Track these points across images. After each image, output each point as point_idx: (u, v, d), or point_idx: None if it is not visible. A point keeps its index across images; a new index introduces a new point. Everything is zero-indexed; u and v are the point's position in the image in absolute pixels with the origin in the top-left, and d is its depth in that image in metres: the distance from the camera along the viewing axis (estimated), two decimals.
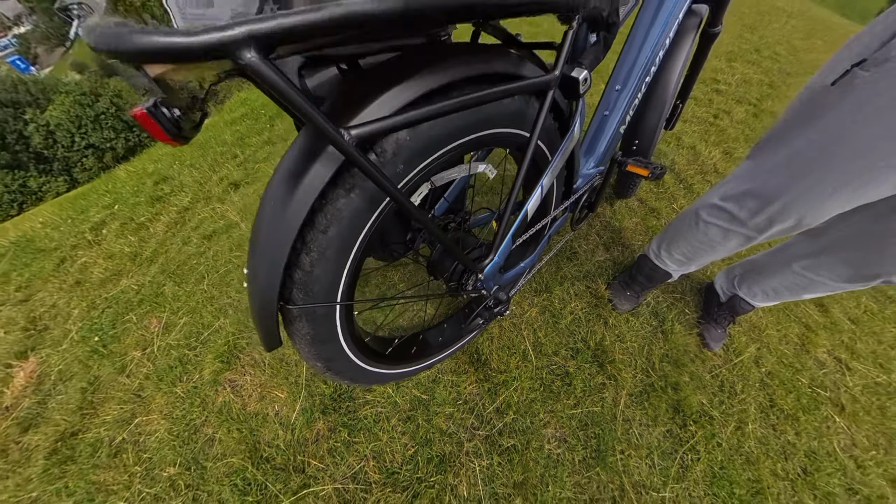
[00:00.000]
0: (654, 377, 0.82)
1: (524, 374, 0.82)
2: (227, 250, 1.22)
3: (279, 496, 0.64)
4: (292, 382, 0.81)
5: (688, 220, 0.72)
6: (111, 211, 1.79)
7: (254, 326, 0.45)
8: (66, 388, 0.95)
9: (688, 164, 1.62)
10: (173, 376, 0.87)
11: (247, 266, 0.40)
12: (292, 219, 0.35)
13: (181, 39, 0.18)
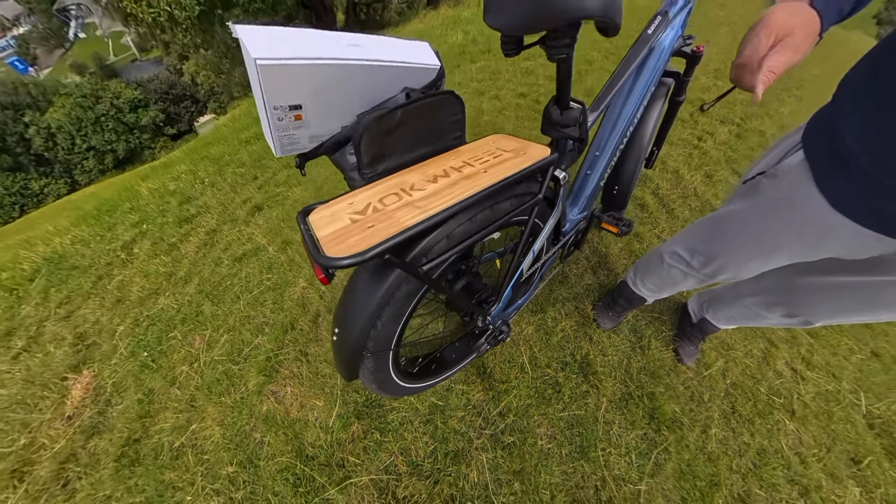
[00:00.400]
0: (633, 387, 0.97)
1: (522, 383, 0.97)
2: (257, 272, 1.36)
3: (326, 487, 0.78)
4: (328, 392, 0.95)
5: (656, 258, 0.87)
6: (140, 230, 1.93)
7: (336, 364, 0.61)
8: (122, 399, 1.08)
9: (671, 188, 1.78)
10: (221, 388, 1.01)
11: (335, 325, 0.55)
12: (376, 304, 0.50)
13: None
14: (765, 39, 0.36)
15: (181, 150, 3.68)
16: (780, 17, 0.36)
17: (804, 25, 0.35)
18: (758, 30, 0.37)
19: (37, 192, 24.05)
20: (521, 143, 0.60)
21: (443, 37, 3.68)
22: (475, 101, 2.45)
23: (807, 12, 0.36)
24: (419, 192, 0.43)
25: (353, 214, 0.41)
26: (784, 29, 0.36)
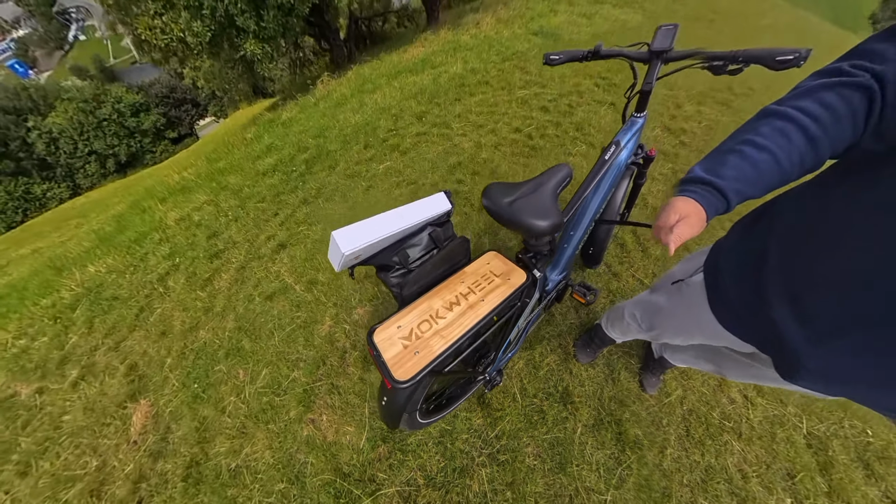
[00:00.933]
0: (604, 413, 1.18)
1: (514, 410, 1.18)
2: (288, 310, 1.58)
3: (361, 498, 1.00)
4: (357, 420, 1.17)
5: (619, 312, 1.09)
6: (173, 262, 2.14)
7: (383, 420, 0.80)
8: (180, 427, 1.29)
9: (645, 230, 1.99)
10: (266, 417, 1.22)
11: (382, 396, 0.76)
12: (411, 399, 0.72)
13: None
14: (673, 215, 0.51)
15: (194, 172, 3.86)
16: (681, 203, 0.52)
17: (695, 213, 0.51)
18: (669, 208, 0.53)
19: (39, 196, 24.27)
20: (507, 265, 0.81)
21: (443, 65, 3.89)
22: (474, 134, 2.66)
23: (696, 206, 0.52)
24: (442, 319, 0.64)
25: (403, 340, 0.62)
26: (684, 212, 0.51)
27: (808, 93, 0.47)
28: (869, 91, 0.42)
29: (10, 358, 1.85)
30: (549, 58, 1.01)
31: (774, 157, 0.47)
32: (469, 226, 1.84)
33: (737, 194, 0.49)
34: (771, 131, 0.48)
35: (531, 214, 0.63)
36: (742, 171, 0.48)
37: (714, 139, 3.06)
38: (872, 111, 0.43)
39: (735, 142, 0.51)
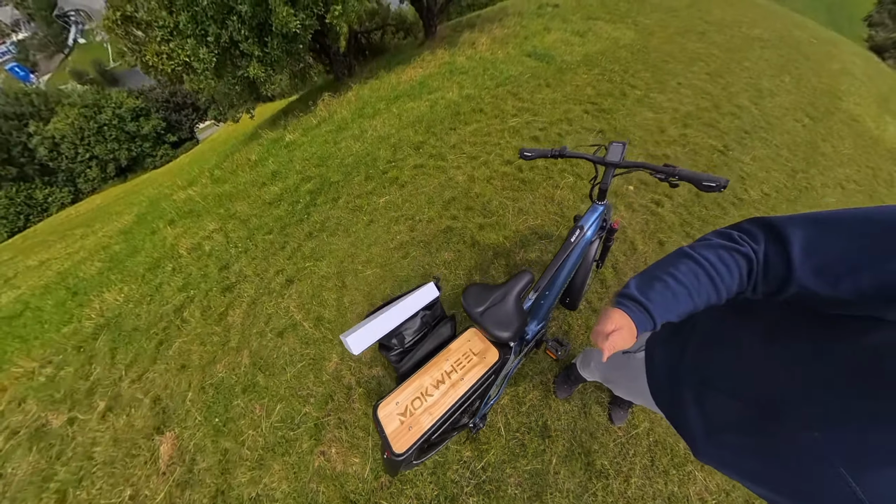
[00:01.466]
0: (576, 445, 1.35)
1: (498, 444, 1.35)
2: (298, 347, 1.74)
3: None
4: (362, 452, 1.33)
5: (588, 357, 1.25)
6: (187, 294, 2.30)
7: (386, 470, 0.93)
8: (204, 458, 1.45)
9: (626, 259, 2.16)
10: (282, 450, 1.38)
11: (385, 450, 0.92)
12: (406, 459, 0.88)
13: None
14: (610, 325, 0.58)
15: (199, 192, 4.00)
16: (618, 316, 0.59)
17: (628, 327, 0.58)
18: (607, 318, 0.62)
19: (41, 201, 24.42)
20: (484, 343, 0.97)
21: (440, 90, 4.05)
22: (468, 166, 2.83)
23: (630, 321, 0.59)
24: (430, 397, 0.80)
25: (399, 416, 0.78)
26: (619, 325, 0.58)
27: (712, 248, 0.59)
28: (749, 260, 0.56)
29: (38, 387, 2.01)
30: (523, 153, 1.18)
31: (688, 292, 0.58)
32: (461, 263, 2.01)
33: (661, 317, 0.59)
34: (687, 271, 0.59)
35: (496, 326, 0.81)
36: (665, 299, 0.58)
37: (696, 164, 3.20)
38: (752, 273, 0.56)
39: (662, 271, 0.61)
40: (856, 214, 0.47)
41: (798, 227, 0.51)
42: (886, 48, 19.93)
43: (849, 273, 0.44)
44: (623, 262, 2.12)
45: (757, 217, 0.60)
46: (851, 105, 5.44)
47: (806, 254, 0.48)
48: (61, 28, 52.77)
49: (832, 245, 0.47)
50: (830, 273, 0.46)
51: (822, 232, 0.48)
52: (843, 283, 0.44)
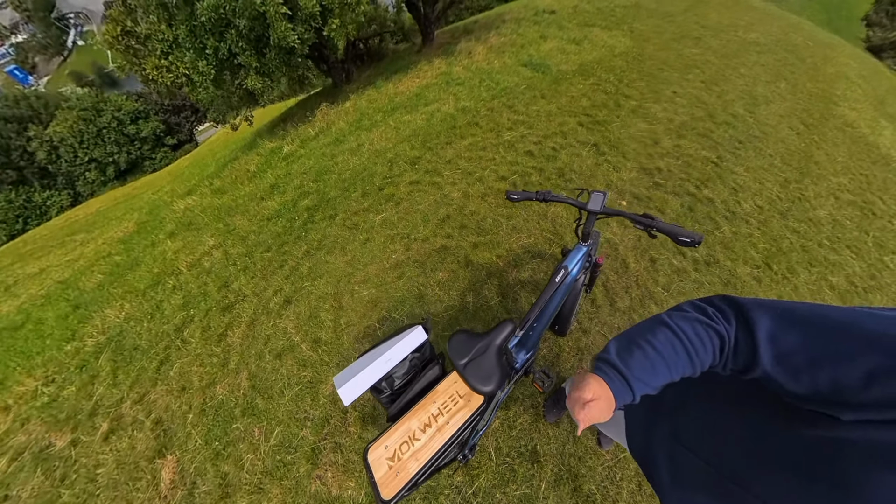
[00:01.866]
0: (564, 469, 1.39)
1: (489, 469, 1.40)
2: (295, 369, 1.78)
3: None
4: (357, 475, 1.38)
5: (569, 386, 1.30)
6: (187, 313, 2.34)
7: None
8: (205, 482, 1.50)
9: (617, 277, 2.20)
10: (280, 474, 1.43)
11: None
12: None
13: None
14: (588, 393, 0.57)
15: (198, 203, 4.04)
16: (594, 384, 0.57)
17: (606, 399, 0.57)
18: (585, 385, 0.58)
19: (40, 204, 24.48)
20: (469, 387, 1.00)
21: (436, 102, 4.09)
22: (463, 182, 2.87)
23: (608, 392, 0.57)
24: (417, 441, 0.85)
25: (388, 461, 0.82)
26: (597, 394, 0.56)
27: (689, 321, 0.59)
28: (722, 338, 0.58)
29: (41, 406, 2.05)
30: (509, 196, 1.22)
31: (666, 363, 0.58)
32: (455, 283, 2.05)
33: (639, 389, 0.58)
34: (665, 340, 0.59)
35: (478, 380, 0.85)
36: (644, 368, 0.58)
37: (690, 176, 3.21)
38: (724, 350, 0.58)
39: (641, 338, 0.61)
40: (819, 312, 0.49)
41: (765, 314, 0.52)
42: (884, 48, 19.90)
43: (807, 368, 0.45)
44: (614, 281, 2.16)
45: (728, 296, 0.61)
46: (847, 110, 5.44)
47: (770, 342, 0.50)
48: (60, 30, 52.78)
49: (794, 338, 0.48)
50: (790, 365, 0.47)
51: (786, 323, 0.49)
52: (801, 377, 0.46)
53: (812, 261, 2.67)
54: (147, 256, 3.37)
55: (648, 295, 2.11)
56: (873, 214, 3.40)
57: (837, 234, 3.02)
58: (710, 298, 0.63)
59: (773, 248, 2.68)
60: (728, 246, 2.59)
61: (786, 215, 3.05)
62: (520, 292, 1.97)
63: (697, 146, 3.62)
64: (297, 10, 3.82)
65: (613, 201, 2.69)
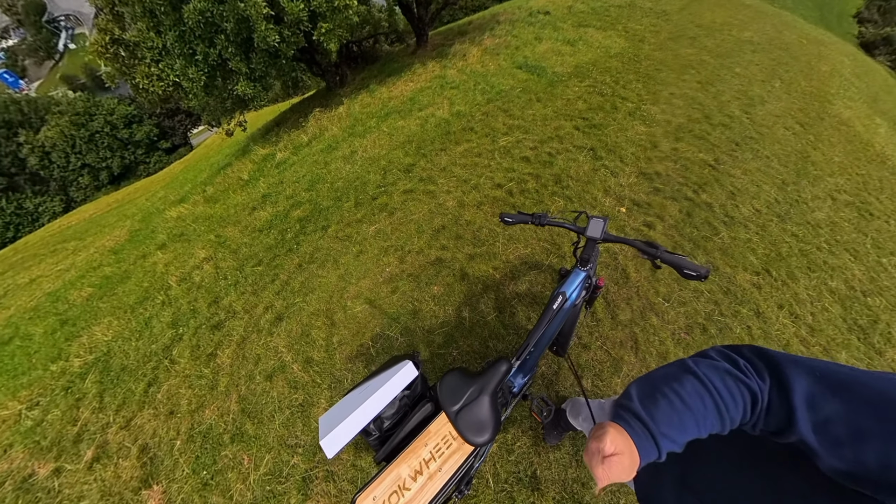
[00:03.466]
0: (567, 496, 1.35)
1: (486, 497, 1.35)
2: (286, 391, 1.72)
3: None
4: None
5: (577, 409, 1.25)
6: (176, 331, 2.28)
7: None
8: None
9: (618, 289, 2.15)
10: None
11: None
12: None
13: None
14: (609, 446, 0.48)
15: (190, 212, 3.97)
16: (617, 435, 0.50)
17: (629, 454, 0.48)
18: (605, 435, 0.49)
19: (31, 210, 24.16)
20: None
21: (430, 106, 4.03)
22: (458, 191, 2.81)
23: (631, 445, 0.49)
24: (408, 492, 0.79)
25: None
26: (619, 447, 0.48)
27: (718, 372, 0.53)
28: (755, 396, 0.52)
29: (25, 432, 1.98)
30: (503, 218, 1.17)
31: (695, 418, 0.51)
32: (451, 298, 2.00)
33: (666, 446, 0.51)
34: (693, 392, 0.53)
35: (470, 431, 0.80)
36: (671, 422, 0.51)
37: (688, 180, 3.16)
38: (756, 409, 0.52)
39: (666, 386, 0.55)
40: (861, 379, 0.44)
41: (803, 374, 0.47)
42: (876, 44, 20.01)
43: (851, 442, 0.41)
44: (615, 293, 2.12)
45: (760, 348, 0.55)
46: (841, 108, 5.42)
47: (808, 407, 0.45)
48: (51, 34, 52.18)
49: (835, 405, 0.43)
50: (830, 435, 0.42)
51: (826, 388, 0.45)
52: (844, 451, 0.41)
53: (811, 265, 2.64)
54: (137, 269, 3.30)
55: (649, 306, 2.07)
56: (871, 215, 3.38)
57: (836, 237, 2.99)
58: (740, 348, 0.56)
59: (773, 252, 2.65)
60: (727, 252, 2.55)
61: (784, 219, 3.02)
62: (517, 306, 1.92)
63: (694, 149, 3.57)
64: (284, 15, 3.75)
65: (611, 210, 2.65)
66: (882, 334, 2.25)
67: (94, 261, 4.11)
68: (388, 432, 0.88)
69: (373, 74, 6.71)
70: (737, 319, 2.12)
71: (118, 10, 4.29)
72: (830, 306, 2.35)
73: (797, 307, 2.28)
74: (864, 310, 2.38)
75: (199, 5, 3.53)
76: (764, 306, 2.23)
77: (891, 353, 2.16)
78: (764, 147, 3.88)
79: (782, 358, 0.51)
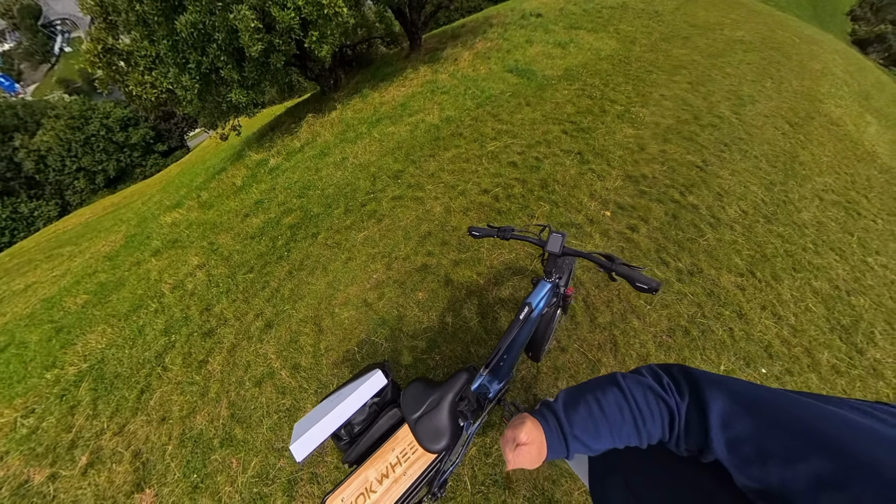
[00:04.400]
0: (538, 494, 1.39)
1: (464, 499, 1.39)
2: (274, 397, 1.77)
3: None
4: None
5: None
6: (169, 339, 2.32)
7: None
8: None
9: (598, 291, 2.19)
10: None
11: None
12: None
13: None
14: (522, 435, 0.56)
15: (184, 218, 4.02)
16: (532, 428, 0.57)
17: (538, 446, 0.56)
18: (521, 425, 0.58)
19: (27, 215, 24.12)
20: None
21: (421, 112, 4.08)
22: (445, 197, 2.86)
23: (542, 439, 0.56)
24: (374, 494, 0.84)
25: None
26: (530, 438, 0.56)
27: (641, 386, 0.57)
28: (672, 413, 0.55)
29: (20, 439, 2.03)
30: (472, 232, 1.21)
31: (609, 427, 0.56)
32: (435, 304, 2.04)
33: (575, 449, 0.57)
34: (613, 402, 0.57)
35: (427, 438, 0.85)
36: (586, 427, 0.56)
37: (674, 182, 3.19)
38: (674, 426, 0.55)
39: (590, 394, 0.60)
40: (775, 401, 0.46)
41: (721, 394, 0.50)
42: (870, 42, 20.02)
43: (757, 461, 0.42)
44: (595, 296, 2.16)
45: (686, 367, 0.58)
46: (832, 107, 5.42)
47: (722, 426, 0.47)
48: (47, 37, 52.12)
49: (746, 425, 0.45)
50: (741, 454, 0.44)
51: (740, 408, 0.47)
52: (751, 470, 0.43)
53: (796, 266, 2.67)
54: (132, 276, 3.34)
55: (630, 309, 2.10)
56: (858, 214, 3.41)
57: (822, 237, 3.02)
58: (669, 367, 0.60)
59: (758, 254, 2.67)
60: (712, 254, 2.58)
61: (770, 219, 3.04)
62: (500, 311, 1.97)
63: (683, 150, 3.58)
64: (275, 24, 3.79)
65: (595, 213, 2.69)
66: (864, 333, 2.27)
67: (90, 267, 4.16)
68: (358, 437, 0.92)
69: (366, 78, 6.75)
70: (719, 321, 2.15)
71: (112, 19, 4.33)
72: (814, 306, 2.38)
73: (780, 308, 2.31)
74: (847, 309, 2.40)
75: (191, 17, 3.57)
76: (747, 308, 2.25)
77: (872, 352, 2.19)
78: (753, 147, 3.89)
79: (704, 378, 0.54)
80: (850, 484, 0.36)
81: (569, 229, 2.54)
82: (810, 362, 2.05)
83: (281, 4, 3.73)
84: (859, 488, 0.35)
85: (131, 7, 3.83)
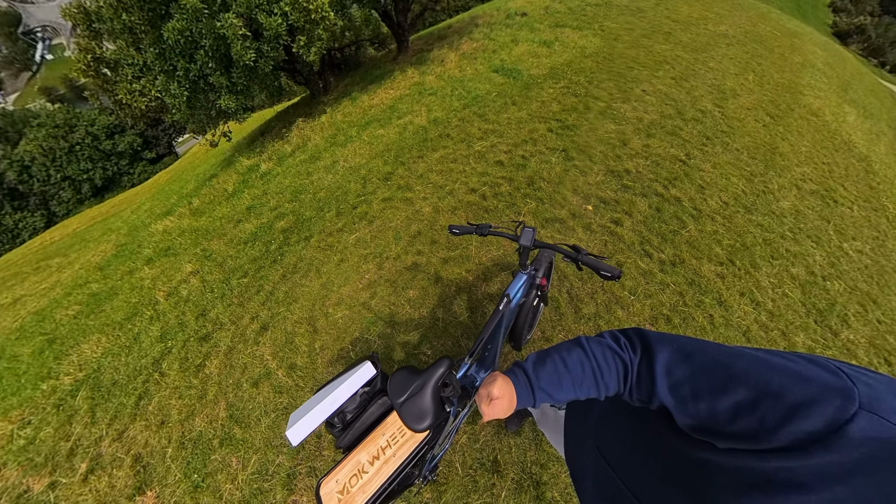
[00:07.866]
0: (525, 476, 1.46)
1: (455, 483, 1.46)
2: (272, 396, 1.82)
3: None
4: None
5: None
6: (165, 345, 2.35)
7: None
8: None
9: (582, 284, 2.27)
10: (257, 501, 1.47)
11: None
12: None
13: None
14: (495, 391, 0.64)
15: (176, 226, 4.01)
16: (503, 383, 0.65)
17: (508, 399, 0.64)
18: (494, 383, 0.66)
19: (11, 227, 23.56)
20: None
21: (409, 114, 4.13)
22: (434, 197, 2.92)
23: (512, 392, 0.65)
24: (366, 474, 0.90)
25: (338, 494, 0.88)
26: (502, 392, 0.64)
27: (601, 346, 0.66)
28: (626, 366, 0.64)
29: (17, 450, 2.04)
30: (451, 230, 1.28)
31: (572, 380, 0.65)
32: (426, 301, 2.11)
33: (541, 399, 0.66)
34: (577, 359, 0.65)
35: (411, 419, 0.91)
36: (551, 380, 0.65)
37: (658, 176, 3.27)
38: (627, 379, 0.63)
39: (557, 353, 0.68)
40: (708, 350, 0.54)
41: (666, 348, 0.58)
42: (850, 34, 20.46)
43: (691, 399, 0.51)
44: (579, 287, 2.24)
45: (641, 329, 0.67)
46: (812, 99, 5.54)
47: (666, 373, 0.55)
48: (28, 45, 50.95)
49: (684, 371, 0.54)
50: (679, 396, 0.53)
51: (680, 357, 0.56)
52: (687, 407, 0.51)
53: (774, 253, 2.76)
54: (125, 285, 3.35)
55: (615, 300, 2.18)
56: (834, 202, 3.52)
57: (800, 225, 3.12)
58: (626, 330, 0.69)
59: (738, 243, 2.76)
60: (694, 245, 2.66)
61: (750, 209, 3.14)
62: (489, 306, 2.04)
63: (666, 144, 3.66)
64: (263, 31, 3.82)
65: (578, 208, 2.77)
66: (839, 316, 2.37)
67: (80, 278, 4.13)
68: (350, 424, 0.98)
69: (355, 81, 6.78)
70: (700, 309, 2.23)
71: (96, 27, 4.31)
72: (791, 292, 2.47)
73: (759, 294, 2.40)
74: (822, 294, 2.50)
75: (177, 25, 3.58)
76: (727, 295, 2.34)
77: (846, 333, 2.29)
78: (734, 140, 3.99)
79: (654, 336, 0.63)
80: (759, 406, 0.44)
81: (553, 225, 2.62)
82: (786, 345, 2.15)
83: (268, 11, 3.76)
84: (764, 408, 0.44)
85: (117, 15, 3.82)
